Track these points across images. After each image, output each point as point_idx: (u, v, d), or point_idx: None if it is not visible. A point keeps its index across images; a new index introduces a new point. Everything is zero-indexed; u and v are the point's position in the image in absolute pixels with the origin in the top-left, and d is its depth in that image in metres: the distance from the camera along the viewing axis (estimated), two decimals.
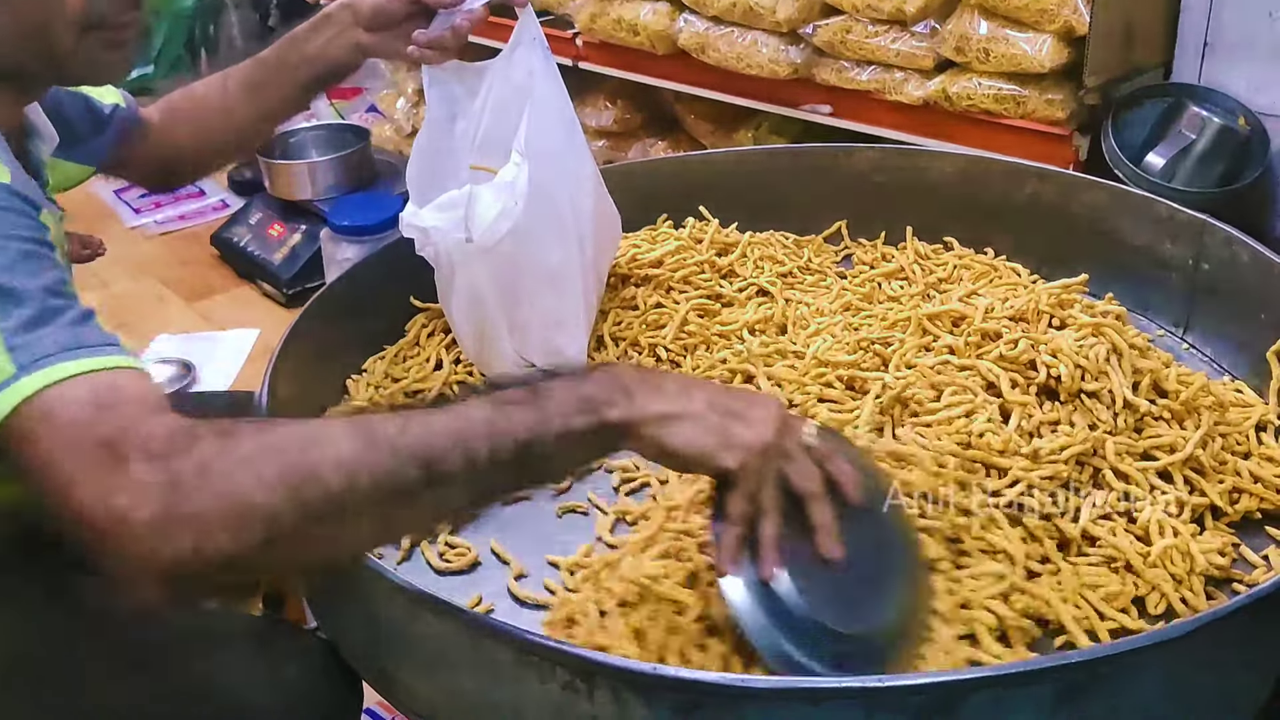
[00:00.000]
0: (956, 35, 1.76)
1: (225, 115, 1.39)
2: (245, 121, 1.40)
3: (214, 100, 1.38)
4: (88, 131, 1.28)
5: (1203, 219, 1.37)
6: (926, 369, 1.20)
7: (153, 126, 1.37)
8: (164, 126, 1.38)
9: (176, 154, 1.40)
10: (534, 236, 1.27)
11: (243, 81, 1.37)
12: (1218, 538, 1.06)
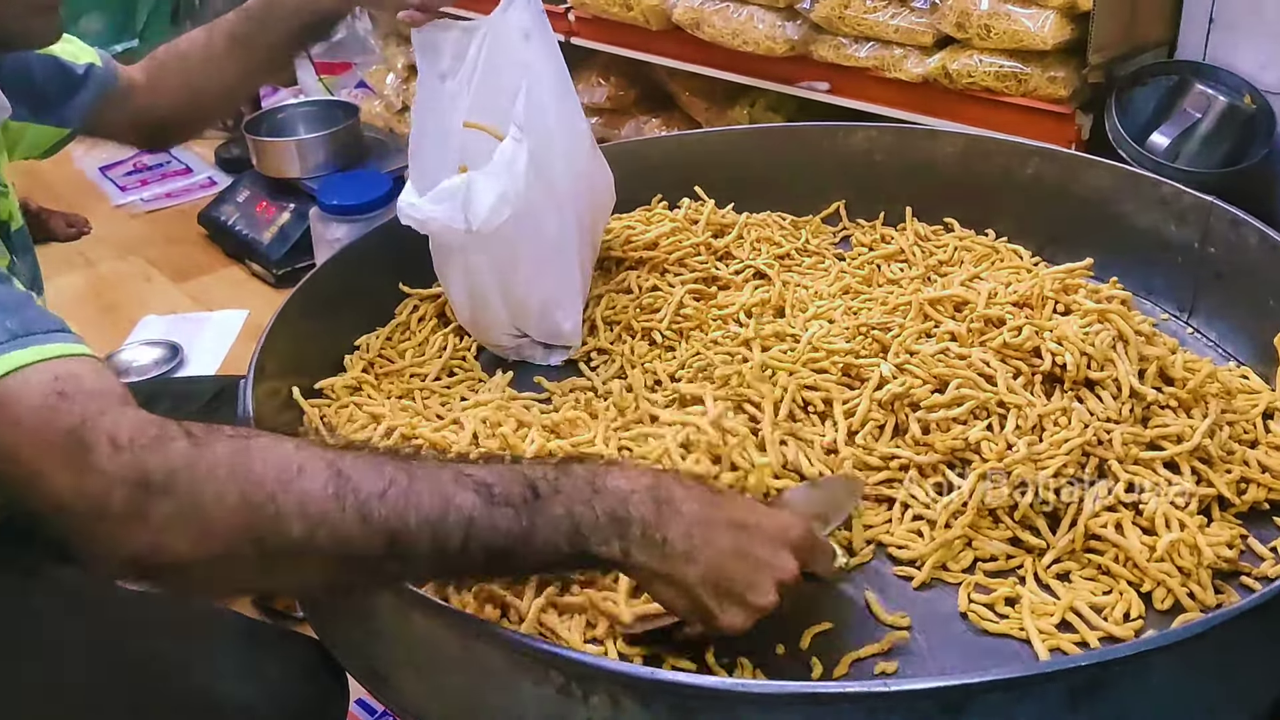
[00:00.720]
0: (957, 11, 1.72)
1: (213, 70, 1.35)
2: (233, 76, 1.37)
3: (200, 55, 1.35)
4: (59, 93, 1.25)
5: (1209, 200, 1.34)
6: (928, 358, 1.17)
7: (138, 86, 1.34)
8: (151, 85, 1.35)
9: (166, 112, 1.37)
10: (531, 214, 1.25)
11: (229, 34, 1.34)
12: (1225, 530, 1.04)
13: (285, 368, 1.23)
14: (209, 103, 1.41)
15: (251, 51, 1.34)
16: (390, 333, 1.40)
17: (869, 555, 1.05)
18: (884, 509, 1.09)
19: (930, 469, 1.09)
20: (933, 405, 1.12)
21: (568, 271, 1.32)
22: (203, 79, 1.36)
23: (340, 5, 1.32)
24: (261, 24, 1.33)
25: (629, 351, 1.33)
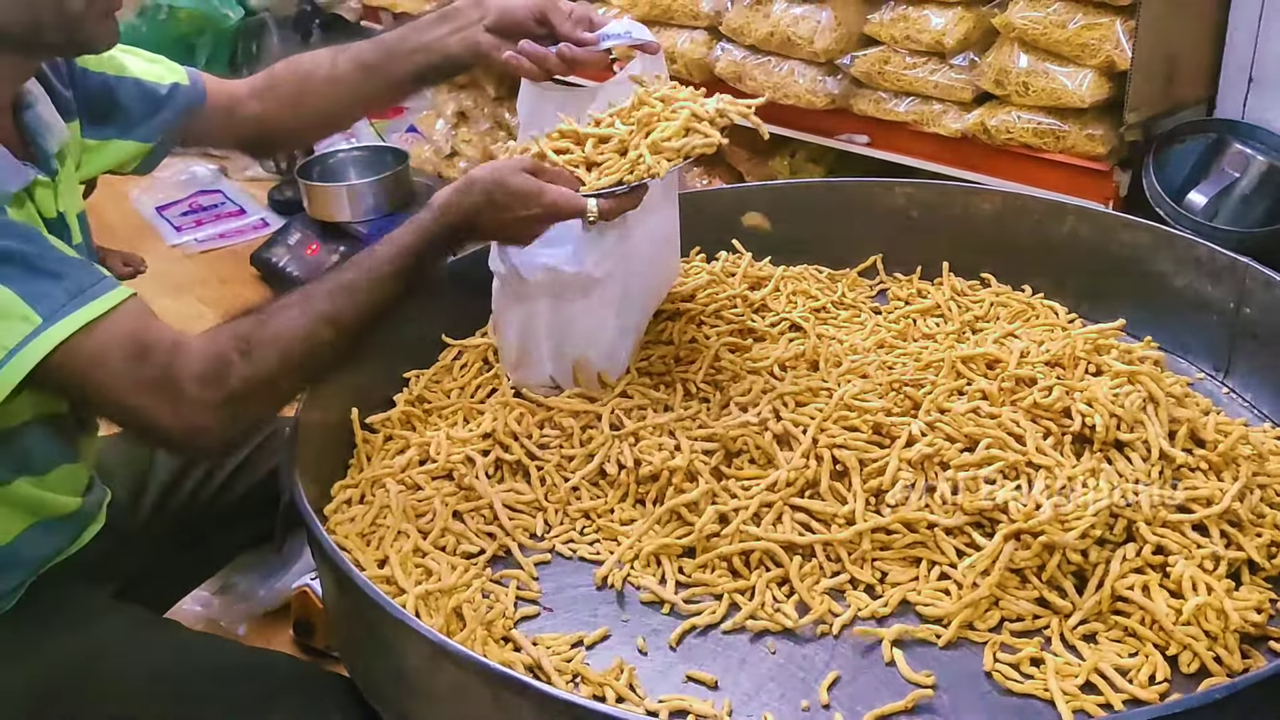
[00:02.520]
0: (996, 68, 1.74)
1: (330, 88, 1.41)
2: (349, 97, 1.42)
3: (322, 73, 1.41)
4: (142, 113, 1.33)
5: (1245, 262, 1.35)
6: (959, 416, 1.18)
7: (242, 98, 1.41)
8: (258, 97, 1.41)
9: (271, 124, 1.43)
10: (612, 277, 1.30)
11: (355, 59, 1.40)
12: (1254, 594, 1.04)
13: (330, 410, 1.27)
14: (321, 118, 1.47)
15: (374, 79, 1.40)
16: (434, 373, 1.43)
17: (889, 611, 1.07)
18: (911, 567, 1.10)
19: (958, 530, 1.10)
20: (962, 465, 1.13)
21: (626, 330, 1.36)
22: (319, 96, 1.42)
23: (468, 55, 1.36)
24: (390, 55, 1.38)
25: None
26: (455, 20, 1.34)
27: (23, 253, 0.98)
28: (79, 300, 0.98)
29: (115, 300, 1.00)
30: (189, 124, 1.38)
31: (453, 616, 1.04)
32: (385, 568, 1.10)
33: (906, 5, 1.84)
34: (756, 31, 1.99)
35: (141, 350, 1.00)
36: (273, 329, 1.06)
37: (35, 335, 0.96)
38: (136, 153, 1.36)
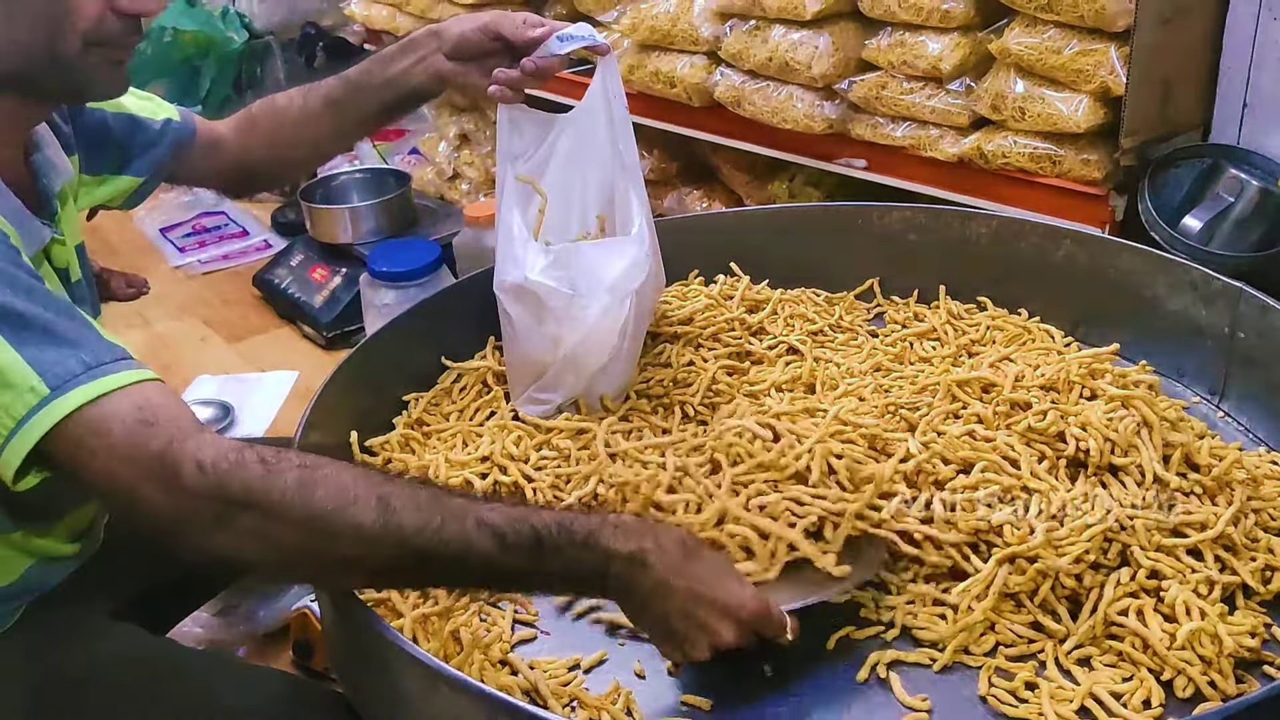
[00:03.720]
0: (992, 93, 1.76)
1: (303, 128, 1.44)
2: (322, 136, 1.45)
3: (294, 113, 1.44)
4: (137, 148, 1.36)
5: (1238, 287, 1.36)
6: (954, 440, 1.19)
7: (225, 138, 1.43)
8: (242, 137, 1.44)
9: (252, 163, 1.46)
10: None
11: (325, 97, 1.42)
12: (1248, 618, 1.04)
13: (330, 433, 1.28)
14: (297, 157, 1.50)
15: (344, 115, 1.43)
16: (433, 396, 1.44)
17: (893, 635, 1.07)
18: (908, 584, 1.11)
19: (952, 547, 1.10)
20: (958, 487, 1.14)
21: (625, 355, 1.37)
22: (294, 135, 1.45)
23: (432, 84, 1.39)
24: (357, 91, 1.41)
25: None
26: (416, 51, 1.37)
27: (44, 320, 0.92)
28: (94, 373, 0.91)
29: (133, 379, 0.92)
30: (179, 160, 1.40)
31: (449, 640, 1.05)
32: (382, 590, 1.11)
33: (903, 31, 1.85)
34: (755, 57, 2.00)
35: (146, 425, 0.90)
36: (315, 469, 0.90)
37: (42, 406, 0.89)
38: (128, 187, 1.39)
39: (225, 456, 0.89)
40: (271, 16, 3.60)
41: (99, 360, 0.92)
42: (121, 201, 1.40)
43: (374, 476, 0.91)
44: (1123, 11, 1.59)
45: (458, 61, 1.36)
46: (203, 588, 1.57)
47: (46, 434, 0.89)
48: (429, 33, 1.38)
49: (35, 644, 1.15)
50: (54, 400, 0.89)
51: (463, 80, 1.37)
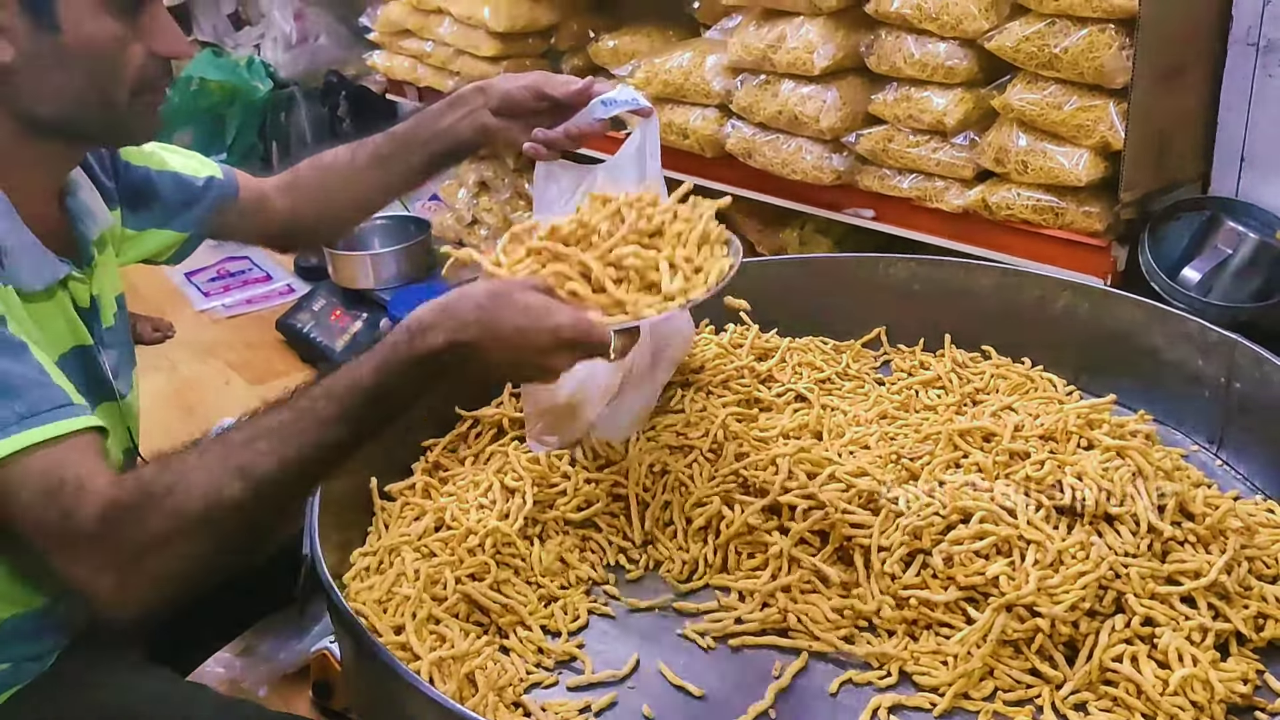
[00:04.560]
0: (995, 147, 1.80)
1: (350, 183, 1.50)
2: (369, 190, 1.51)
3: (341, 169, 1.50)
4: (179, 204, 1.41)
5: (1233, 338, 1.39)
6: (955, 490, 1.22)
7: (270, 195, 1.49)
8: (286, 194, 1.50)
9: (298, 220, 1.52)
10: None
11: (372, 153, 1.48)
12: (1240, 664, 1.07)
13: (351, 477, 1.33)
14: (344, 212, 1.56)
15: (391, 170, 1.48)
16: (450, 443, 1.48)
17: (893, 681, 1.10)
18: (907, 638, 1.14)
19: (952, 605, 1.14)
20: (956, 539, 1.17)
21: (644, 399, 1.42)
22: (341, 190, 1.50)
23: (477, 138, 1.44)
24: (405, 146, 1.46)
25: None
26: (462, 107, 1.43)
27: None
28: (24, 423, 0.94)
29: (60, 430, 0.95)
30: (222, 217, 1.46)
31: (465, 682, 1.09)
32: (401, 634, 1.15)
33: (909, 86, 1.90)
34: (765, 110, 2.06)
35: (53, 487, 0.93)
36: (171, 479, 0.95)
37: None
38: (172, 241, 1.44)
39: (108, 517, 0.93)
40: (296, 66, 3.69)
41: (33, 410, 0.95)
42: (168, 256, 1.46)
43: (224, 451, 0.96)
44: (1121, 69, 1.64)
45: (502, 117, 1.41)
46: (226, 629, 1.61)
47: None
48: (475, 89, 1.43)
49: (71, 685, 1.20)
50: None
51: (505, 135, 1.42)
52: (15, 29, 1.06)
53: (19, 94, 1.09)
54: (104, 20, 1.08)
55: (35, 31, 1.06)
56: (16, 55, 1.06)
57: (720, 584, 1.24)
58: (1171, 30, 1.64)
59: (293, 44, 3.71)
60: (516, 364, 1.03)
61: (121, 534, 0.93)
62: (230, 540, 0.97)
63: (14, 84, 1.08)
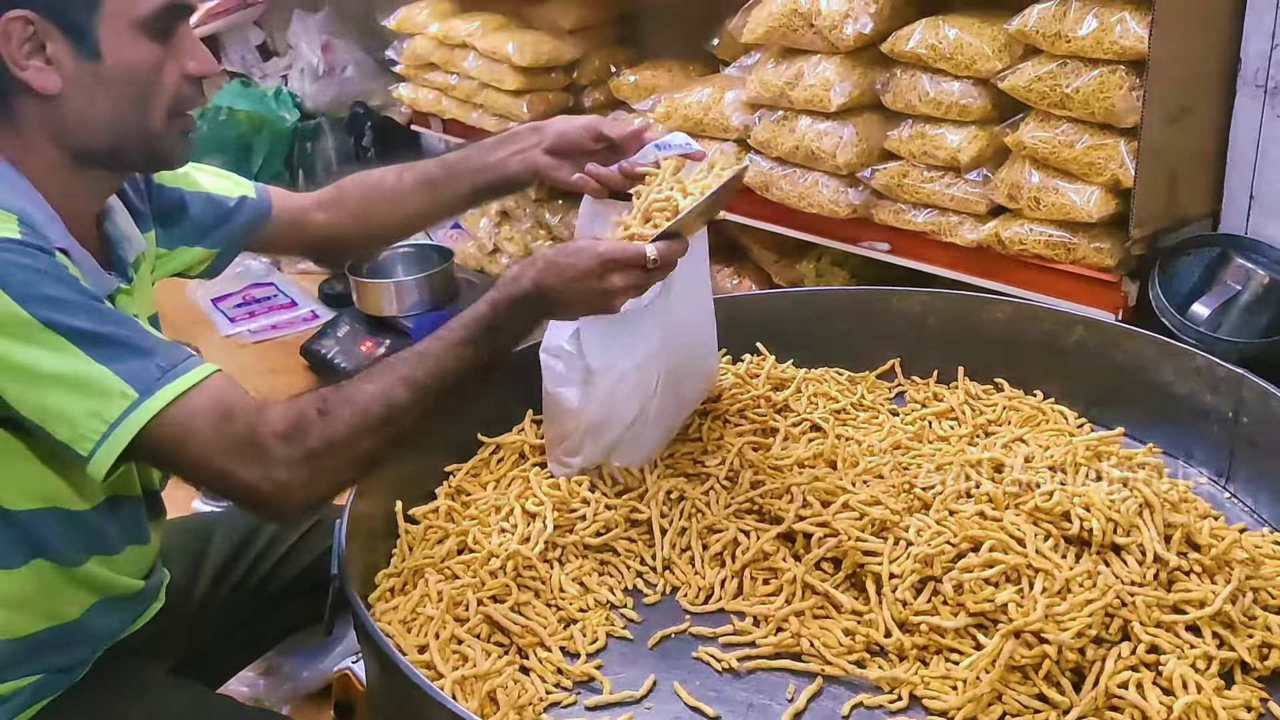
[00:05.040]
0: (1008, 184, 1.84)
1: (397, 203, 1.55)
2: (414, 211, 1.56)
3: (387, 188, 1.55)
4: (212, 222, 1.47)
5: (1240, 373, 1.42)
6: (965, 519, 1.25)
7: (307, 210, 1.55)
8: (327, 209, 1.55)
9: (335, 233, 1.57)
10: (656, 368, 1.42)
11: (420, 176, 1.53)
12: (1245, 692, 1.10)
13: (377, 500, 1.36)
14: (386, 230, 1.61)
15: (437, 195, 1.53)
16: (473, 468, 1.52)
17: (904, 705, 1.13)
18: (918, 663, 1.17)
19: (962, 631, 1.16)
20: (967, 567, 1.20)
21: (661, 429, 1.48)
22: (387, 209, 1.55)
23: (526, 174, 1.49)
24: (454, 174, 1.52)
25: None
26: (515, 144, 1.48)
27: (120, 335, 1.06)
28: (171, 374, 1.05)
29: (204, 374, 1.07)
30: (256, 233, 1.51)
31: (486, 700, 1.12)
32: (425, 653, 1.18)
33: (924, 123, 1.94)
34: (783, 145, 2.10)
35: (227, 414, 1.06)
36: (349, 391, 1.12)
37: (133, 409, 1.03)
38: (204, 257, 1.49)
39: (292, 421, 1.08)
40: (322, 97, 3.76)
41: (173, 363, 1.06)
42: (200, 270, 1.51)
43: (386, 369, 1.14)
44: (1131, 109, 1.67)
45: (555, 156, 1.46)
46: (253, 646, 1.65)
47: (139, 432, 1.03)
48: (530, 128, 1.49)
49: (103, 697, 1.24)
50: (143, 403, 1.03)
51: (554, 174, 1.47)
52: (62, 60, 1.11)
53: (65, 123, 1.14)
54: (141, 44, 1.14)
55: (79, 60, 1.12)
56: (64, 84, 1.12)
57: (735, 609, 1.27)
58: (1180, 72, 1.68)
59: (320, 75, 3.77)
60: (581, 294, 1.21)
61: (310, 434, 1.07)
62: (399, 438, 1.14)
63: (61, 114, 1.14)
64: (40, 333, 1.02)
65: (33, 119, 1.14)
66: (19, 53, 1.10)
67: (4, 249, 1.04)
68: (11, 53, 1.10)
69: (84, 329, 1.03)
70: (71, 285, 1.06)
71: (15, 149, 1.14)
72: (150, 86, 1.15)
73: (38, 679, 1.21)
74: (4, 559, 1.17)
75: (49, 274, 1.05)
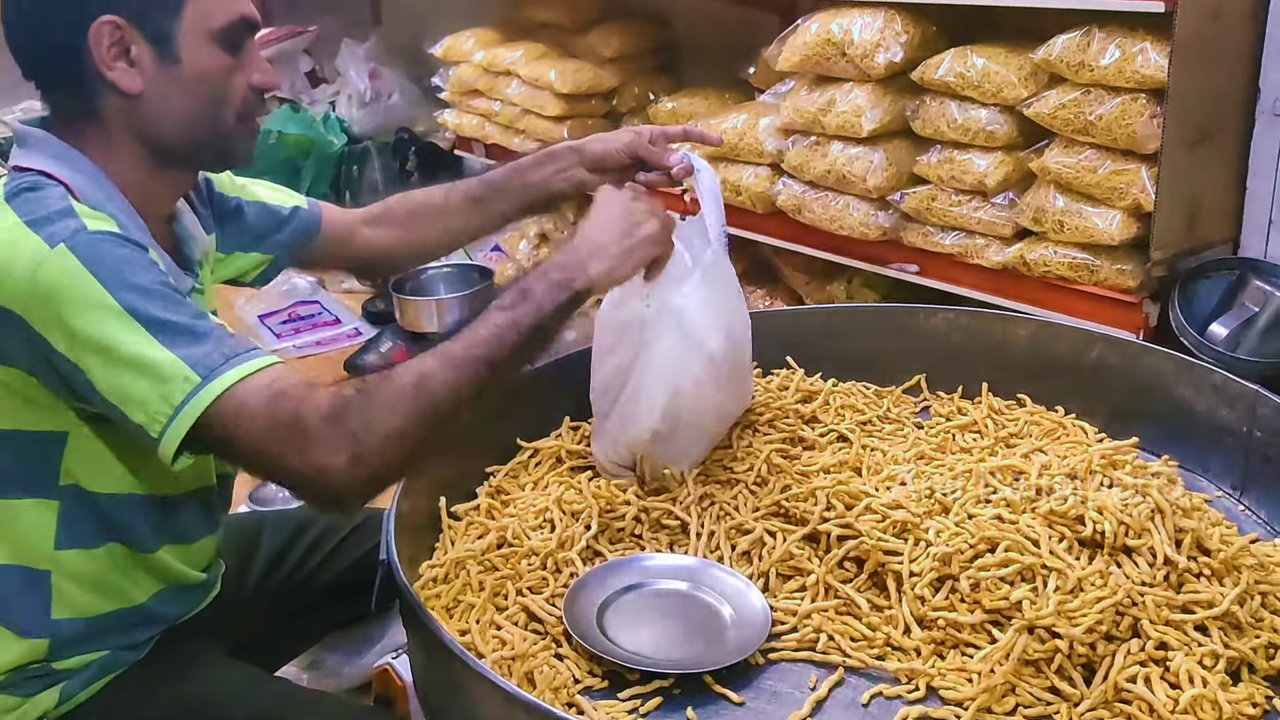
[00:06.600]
0: (1034, 207, 1.90)
1: (444, 219, 1.64)
2: (459, 227, 1.65)
3: (434, 205, 1.64)
4: (266, 230, 1.56)
5: (1254, 389, 1.47)
6: (983, 522, 1.31)
7: (354, 224, 1.63)
8: (374, 224, 1.64)
9: (381, 249, 1.66)
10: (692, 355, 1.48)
11: (466, 194, 1.62)
12: (1250, 689, 1.14)
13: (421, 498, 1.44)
14: (428, 245, 1.70)
15: (483, 212, 1.63)
16: (512, 469, 1.59)
17: (921, 695, 1.19)
18: (935, 657, 1.22)
19: (978, 627, 1.22)
20: (984, 565, 1.26)
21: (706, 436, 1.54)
22: (434, 224, 1.64)
23: (571, 190, 1.59)
24: (499, 192, 1.61)
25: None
26: (556, 162, 1.57)
27: (191, 325, 1.11)
28: (233, 361, 1.09)
29: (264, 363, 1.11)
30: (305, 244, 1.60)
31: (524, 680, 1.18)
32: (467, 636, 1.25)
33: (952, 149, 2.01)
34: (814, 169, 2.17)
35: (276, 396, 1.08)
36: (389, 371, 1.13)
37: (196, 392, 1.08)
38: (258, 263, 1.58)
39: (335, 402, 1.08)
40: (369, 122, 3.88)
41: (235, 351, 1.10)
42: (253, 278, 1.60)
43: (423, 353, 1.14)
44: (1152, 136, 1.73)
45: (596, 173, 1.56)
46: (299, 639, 1.72)
47: (201, 415, 1.08)
48: (568, 148, 1.58)
49: (163, 673, 1.31)
50: (205, 386, 1.08)
51: (597, 188, 1.54)
52: (144, 62, 1.21)
53: (145, 121, 1.23)
54: (215, 52, 1.24)
55: (160, 63, 1.22)
56: (146, 85, 1.22)
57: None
58: (1200, 100, 1.74)
59: (367, 101, 3.90)
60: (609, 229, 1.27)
61: (350, 416, 1.08)
62: (436, 412, 1.11)
63: (143, 112, 1.23)
64: (122, 318, 1.09)
65: (117, 118, 1.23)
66: (108, 55, 1.19)
67: (103, 239, 1.12)
68: (101, 54, 1.19)
69: (160, 317, 1.10)
70: (156, 276, 1.13)
71: (101, 150, 1.23)
72: (221, 91, 1.25)
73: (104, 654, 1.29)
74: (84, 539, 1.25)
75: (139, 264, 1.13)
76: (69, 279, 1.10)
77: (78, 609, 1.26)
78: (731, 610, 1.30)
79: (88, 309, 1.09)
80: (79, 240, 1.11)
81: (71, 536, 1.25)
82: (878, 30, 2.04)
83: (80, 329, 1.09)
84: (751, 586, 1.31)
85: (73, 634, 1.26)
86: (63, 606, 1.26)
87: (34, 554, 1.25)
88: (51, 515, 1.24)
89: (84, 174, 1.21)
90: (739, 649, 1.23)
